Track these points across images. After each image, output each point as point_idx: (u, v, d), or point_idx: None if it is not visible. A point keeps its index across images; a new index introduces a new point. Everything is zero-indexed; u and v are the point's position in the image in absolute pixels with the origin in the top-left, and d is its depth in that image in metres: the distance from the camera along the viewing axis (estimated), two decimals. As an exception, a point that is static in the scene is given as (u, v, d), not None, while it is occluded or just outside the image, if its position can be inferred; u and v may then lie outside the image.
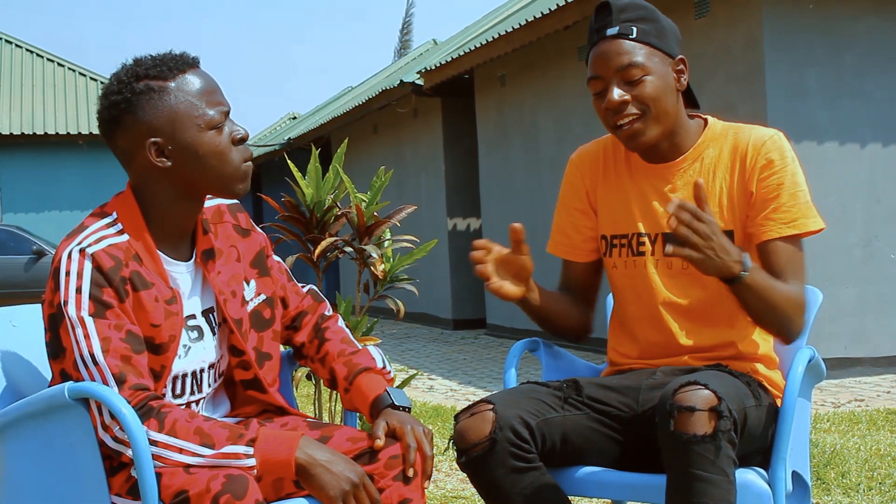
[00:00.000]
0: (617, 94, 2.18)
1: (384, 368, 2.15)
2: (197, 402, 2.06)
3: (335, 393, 3.60)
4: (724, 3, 7.06)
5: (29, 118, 21.47)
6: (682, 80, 2.23)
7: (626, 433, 2.21)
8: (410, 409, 2.08)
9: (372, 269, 3.49)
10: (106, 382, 1.83)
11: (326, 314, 2.25)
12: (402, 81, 11.97)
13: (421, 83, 11.61)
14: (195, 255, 2.05)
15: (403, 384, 3.37)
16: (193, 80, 1.95)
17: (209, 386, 2.08)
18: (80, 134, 21.11)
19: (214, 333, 2.07)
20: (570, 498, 2.15)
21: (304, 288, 2.27)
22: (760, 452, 2.13)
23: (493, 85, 10.69)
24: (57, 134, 21.14)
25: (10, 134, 20.97)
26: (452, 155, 12.13)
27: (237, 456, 1.81)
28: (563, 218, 2.44)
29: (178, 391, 2.01)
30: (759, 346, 2.28)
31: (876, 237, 6.96)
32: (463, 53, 10.38)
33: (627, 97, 2.18)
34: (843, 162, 6.87)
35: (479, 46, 9.99)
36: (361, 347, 2.19)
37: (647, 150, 2.28)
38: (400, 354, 9.54)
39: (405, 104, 12.73)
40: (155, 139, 1.92)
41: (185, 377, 2.02)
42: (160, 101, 1.92)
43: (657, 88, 2.18)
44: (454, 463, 4.45)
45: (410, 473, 1.96)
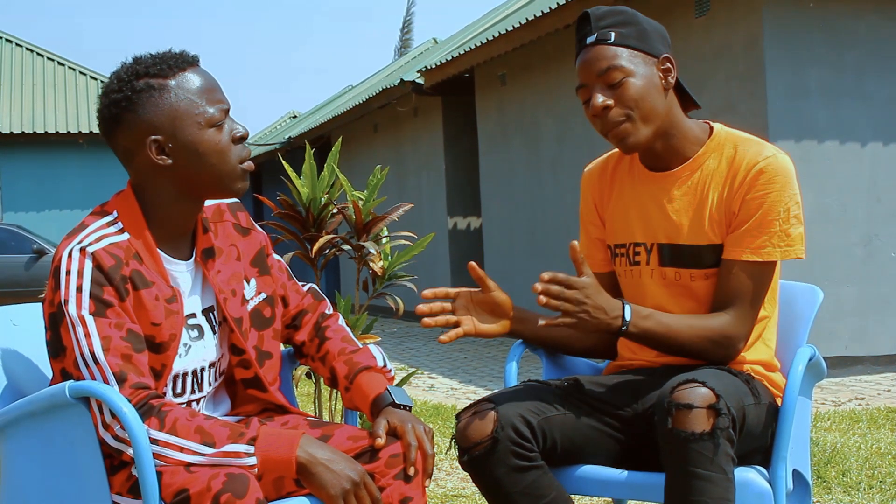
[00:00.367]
0: (600, 99, 2.17)
1: (385, 367, 2.15)
2: (197, 400, 2.06)
3: (335, 392, 3.60)
4: (724, 1, 7.06)
5: (29, 117, 21.47)
6: (668, 78, 2.20)
7: (626, 432, 2.21)
8: (411, 407, 2.08)
9: (370, 266, 3.49)
10: (106, 381, 1.83)
11: (327, 313, 2.25)
12: (402, 80, 11.98)
13: (421, 82, 11.62)
14: (195, 253, 2.05)
15: (403, 382, 3.37)
16: (193, 78, 1.95)
17: (210, 385, 2.08)
18: (80, 133, 21.12)
19: (215, 332, 2.08)
20: (571, 496, 2.16)
21: (304, 286, 2.27)
22: (761, 451, 2.13)
23: (493, 84, 10.68)
24: (57, 133, 21.14)
25: (10, 133, 20.98)
26: (453, 154, 12.14)
27: (238, 455, 1.81)
28: (581, 232, 2.46)
29: (178, 390, 2.01)
30: (759, 353, 2.27)
31: (876, 236, 6.96)
32: (463, 52, 10.38)
33: (610, 102, 2.17)
34: (843, 161, 6.87)
35: (479, 45, 9.99)
36: (362, 346, 2.19)
37: (644, 152, 2.27)
38: (400, 353, 9.55)
39: (405, 103, 12.73)
40: (155, 137, 1.92)
41: (185, 376, 2.02)
42: (160, 99, 1.92)
43: (639, 89, 2.17)
44: (455, 461, 4.45)
45: (411, 472, 1.96)
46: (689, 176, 2.24)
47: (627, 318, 2.10)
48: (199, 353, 2.04)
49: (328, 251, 3.51)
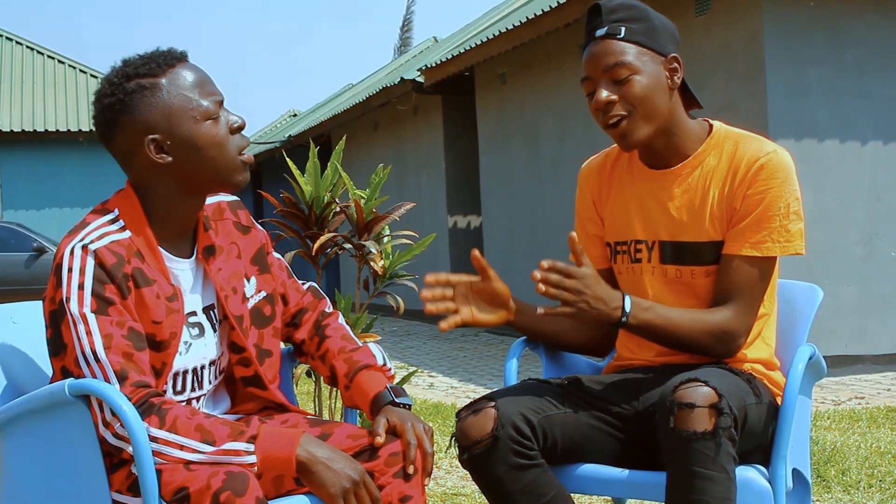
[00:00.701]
0: (604, 94, 2.18)
1: (384, 366, 2.16)
2: (198, 398, 2.06)
3: (335, 390, 3.60)
4: (724, 0, 7.06)
5: (30, 115, 21.47)
6: (675, 78, 2.21)
7: (627, 430, 2.21)
8: (411, 406, 2.08)
9: (371, 265, 3.49)
10: (107, 379, 1.83)
11: (327, 311, 2.25)
12: (402, 79, 11.97)
13: (421, 81, 11.61)
14: (196, 251, 2.05)
15: (403, 381, 3.38)
16: (184, 73, 1.96)
17: (210, 383, 2.08)
18: (80, 131, 21.11)
19: (215, 330, 2.08)
20: (571, 495, 2.16)
21: (304, 285, 2.27)
22: (761, 450, 2.13)
23: (493, 82, 10.68)
24: (57, 131, 21.14)
25: (10, 131, 20.97)
26: (453, 152, 12.13)
27: (238, 453, 1.81)
28: (577, 228, 2.46)
29: (178, 388, 2.02)
30: (759, 351, 2.27)
31: (876, 235, 6.96)
32: (463, 51, 10.38)
33: (614, 97, 2.18)
34: (843, 160, 6.87)
35: (479, 44, 9.99)
36: (362, 344, 2.19)
37: (643, 149, 2.28)
38: (401, 352, 9.55)
39: (406, 102, 12.73)
40: (153, 136, 1.92)
41: (185, 374, 2.02)
42: (153, 98, 1.92)
43: (645, 88, 2.17)
44: (455, 460, 4.45)
45: (411, 470, 1.96)
46: (689, 173, 2.25)
47: (627, 309, 2.10)
48: (199, 351, 2.04)
49: (329, 250, 3.51)
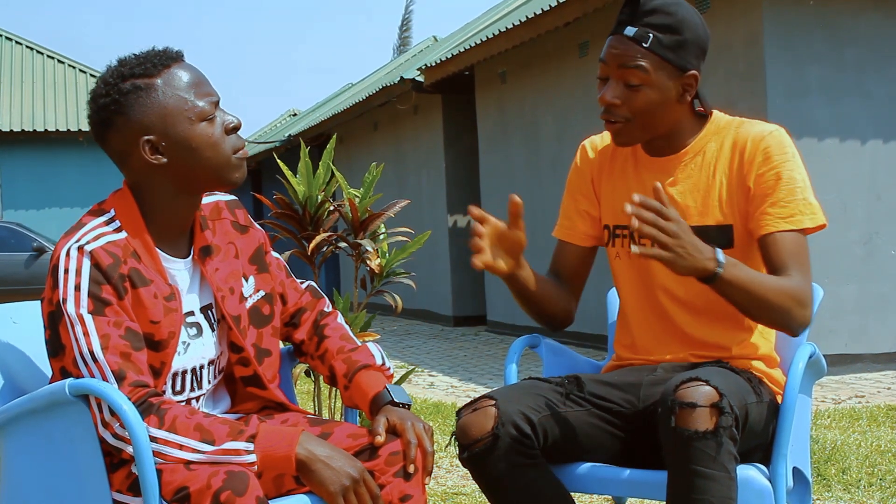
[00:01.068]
0: (610, 94, 2.19)
1: (383, 365, 2.15)
2: (197, 398, 2.06)
3: (335, 389, 3.60)
4: (724, -1, 7.05)
5: (29, 115, 21.47)
6: (686, 95, 2.21)
7: (627, 429, 2.21)
8: (410, 405, 2.08)
9: (368, 263, 3.49)
10: (106, 379, 1.83)
11: (325, 310, 2.25)
12: (402, 78, 11.97)
13: (421, 80, 11.61)
14: (193, 251, 2.05)
15: (402, 380, 3.37)
16: (180, 73, 1.95)
17: (209, 382, 2.08)
18: (80, 131, 21.11)
19: (213, 330, 2.07)
20: (571, 494, 2.15)
21: (302, 284, 2.27)
22: (761, 449, 2.13)
23: (493, 82, 10.68)
24: (57, 131, 21.14)
25: (10, 131, 20.97)
26: (453, 152, 12.13)
27: (237, 452, 1.80)
28: (567, 201, 2.44)
29: (177, 388, 2.01)
30: (759, 346, 2.27)
31: (876, 234, 6.96)
32: (463, 50, 10.37)
33: (618, 101, 2.18)
34: (843, 159, 6.86)
35: (479, 43, 9.98)
36: (361, 344, 2.19)
37: (643, 145, 2.29)
38: (400, 351, 9.54)
39: (405, 101, 12.72)
40: (148, 137, 1.92)
41: (184, 374, 2.02)
42: (148, 98, 1.92)
43: (650, 102, 2.17)
44: (455, 459, 4.45)
45: (411, 470, 1.96)
46: (691, 159, 2.26)
47: (722, 260, 2.02)
48: (197, 350, 2.04)
49: (325, 249, 3.51)
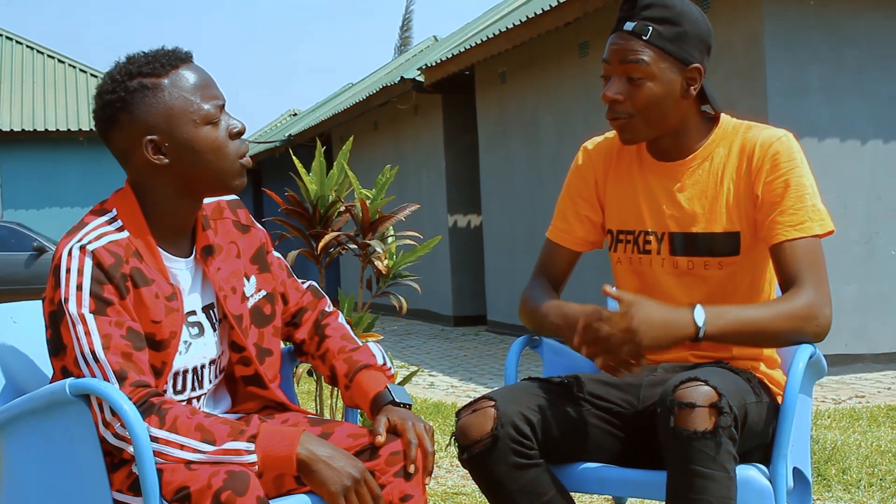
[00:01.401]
0: (613, 90, 2.18)
1: (384, 365, 2.15)
2: (198, 398, 2.06)
3: (336, 389, 3.60)
4: (724, -1, 7.05)
5: (29, 115, 21.47)
6: (691, 88, 2.19)
7: (626, 429, 2.21)
8: (411, 405, 2.08)
9: (376, 264, 3.49)
10: (107, 379, 1.83)
11: (327, 310, 2.25)
12: (402, 78, 11.97)
13: (422, 80, 11.60)
14: (195, 251, 2.05)
15: (405, 381, 3.38)
16: (187, 75, 1.94)
17: (210, 382, 2.08)
18: (80, 130, 21.12)
19: (215, 330, 2.07)
20: (571, 494, 2.16)
21: (303, 284, 2.27)
22: (761, 449, 2.13)
23: (493, 82, 10.68)
24: (57, 130, 21.15)
25: (10, 130, 20.98)
26: (453, 152, 12.13)
27: (238, 452, 1.81)
28: (566, 203, 2.42)
29: (179, 387, 2.01)
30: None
31: (877, 234, 6.96)
32: (463, 50, 10.37)
33: (621, 97, 2.17)
34: (843, 159, 6.86)
35: (479, 43, 9.98)
36: (362, 344, 2.19)
37: (648, 143, 2.28)
38: (401, 351, 9.54)
39: (406, 101, 12.72)
40: (151, 137, 1.92)
41: (185, 373, 2.02)
42: (155, 98, 1.91)
43: (653, 96, 2.16)
44: (455, 459, 4.45)
45: (412, 470, 1.96)
46: (699, 164, 2.25)
47: (700, 322, 2.00)
48: (199, 350, 2.04)
49: (333, 249, 3.51)
